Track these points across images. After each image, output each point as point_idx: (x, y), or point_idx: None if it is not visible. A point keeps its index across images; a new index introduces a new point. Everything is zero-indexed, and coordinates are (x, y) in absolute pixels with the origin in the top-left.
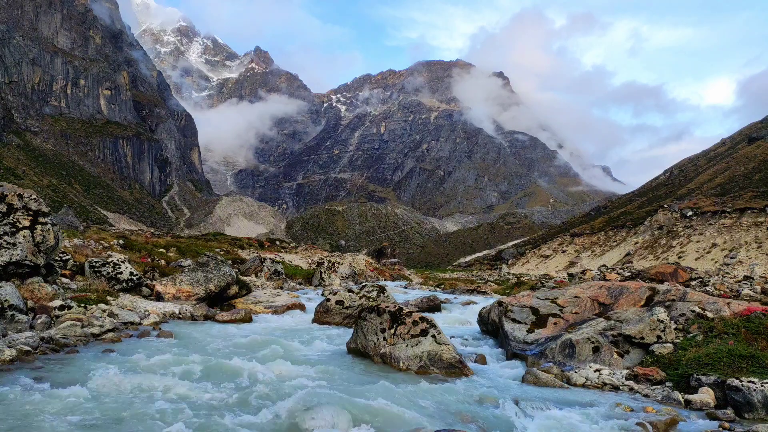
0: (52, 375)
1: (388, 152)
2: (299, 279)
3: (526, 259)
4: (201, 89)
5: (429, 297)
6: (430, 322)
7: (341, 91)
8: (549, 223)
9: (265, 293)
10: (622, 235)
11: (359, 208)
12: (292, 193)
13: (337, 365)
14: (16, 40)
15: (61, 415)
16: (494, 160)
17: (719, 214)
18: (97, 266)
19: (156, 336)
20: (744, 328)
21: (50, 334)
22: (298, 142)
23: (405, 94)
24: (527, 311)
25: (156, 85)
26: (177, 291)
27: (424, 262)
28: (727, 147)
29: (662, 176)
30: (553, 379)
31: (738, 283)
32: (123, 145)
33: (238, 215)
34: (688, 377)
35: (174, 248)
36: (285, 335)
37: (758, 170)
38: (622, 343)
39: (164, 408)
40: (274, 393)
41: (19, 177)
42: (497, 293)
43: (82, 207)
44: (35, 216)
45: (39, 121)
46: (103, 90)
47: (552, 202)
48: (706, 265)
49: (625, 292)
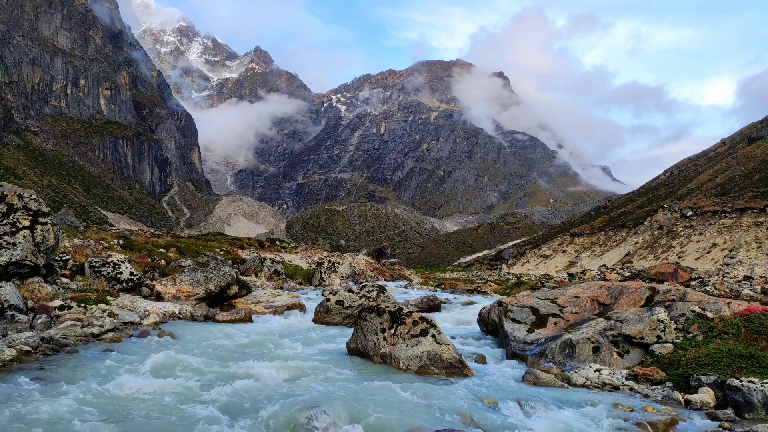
0: (52, 375)
1: (388, 152)
2: (299, 279)
3: (526, 259)
4: (201, 89)
5: (429, 297)
6: (430, 322)
7: (341, 91)
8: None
9: (265, 293)
10: (622, 235)
11: (359, 208)
12: (292, 193)
13: (337, 365)
14: (16, 39)
15: (61, 415)
16: (494, 160)
17: (719, 214)
18: (97, 266)
19: (156, 336)
20: (744, 328)
21: (50, 334)
22: (298, 142)
23: (405, 94)
24: (527, 311)
25: (156, 85)
26: (177, 291)
27: (424, 262)
28: (727, 147)
29: (662, 176)
30: (553, 379)
31: (738, 283)
32: (123, 145)
33: (238, 215)
34: (688, 377)
35: (174, 248)
36: (285, 335)
37: (758, 170)
38: (622, 343)
39: (164, 408)
40: (274, 393)
41: (19, 177)
42: (497, 293)
43: (82, 207)
44: (35, 216)
45: (39, 121)
46: (103, 90)
47: (552, 202)
48: (706, 265)
49: (625, 292)
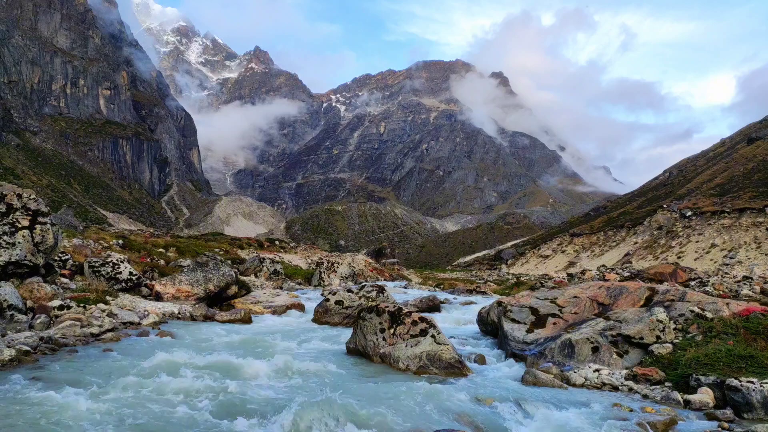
0: (51, 375)
1: (387, 152)
2: (299, 279)
3: (526, 260)
4: (201, 89)
5: (428, 297)
6: (430, 322)
7: (341, 91)
8: (548, 224)
9: (265, 293)
10: (621, 236)
11: (359, 208)
12: (291, 193)
13: (337, 365)
14: (16, 39)
15: (60, 415)
16: (494, 160)
17: (718, 215)
18: (96, 266)
19: (155, 336)
20: (743, 329)
21: (49, 334)
22: (297, 142)
23: (404, 94)
24: (526, 311)
25: (155, 85)
26: (176, 291)
27: (424, 262)
28: (727, 147)
29: (661, 176)
30: (552, 379)
31: (737, 284)
32: (122, 145)
33: (238, 215)
34: (688, 377)
35: (173, 248)
36: (284, 335)
37: (757, 170)
38: (621, 343)
39: (163, 409)
40: (272, 393)
41: (18, 177)
42: (496, 293)
43: (81, 207)
44: (34, 216)
45: (38, 121)
46: (102, 90)
47: (551, 202)
48: (705, 266)
49: (625, 292)
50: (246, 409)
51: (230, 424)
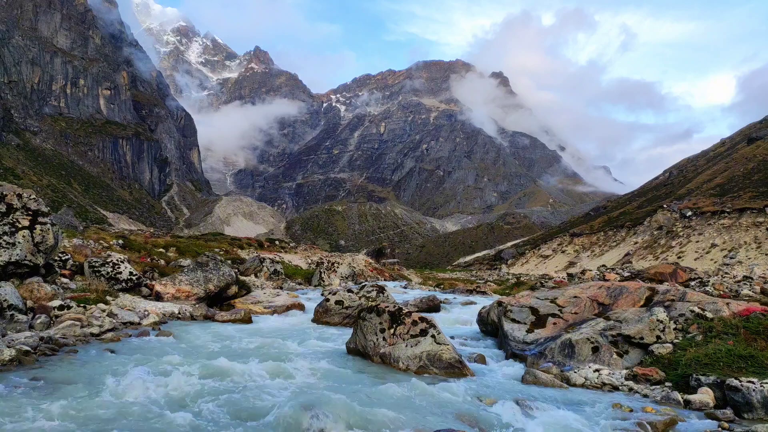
0: (51, 375)
1: (387, 152)
2: (299, 279)
3: (526, 259)
4: (201, 89)
5: (428, 297)
6: (430, 322)
7: (341, 92)
8: (548, 224)
9: (265, 293)
10: (621, 236)
11: (359, 208)
12: (291, 193)
13: (337, 365)
14: (16, 39)
15: (60, 415)
16: (494, 160)
17: (718, 215)
18: (96, 266)
19: (155, 336)
20: (743, 328)
21: (49, 334)
22: (297, 142)
23: (404, 94)
24: (526, 311)
25: (155, 85)
26: (176, 291)
27: (424, 262)
28: (727, 147)
29: (662, 176)
30: (552, 379)
31: (737, 284)
32: (122, 145)
33: (238, 215)
34: (688, 377)
35: (173, 248)
36: (284, 335)
37: (757, 170)
38: (621, 343)
39: (162, 409)
40: (274, 394)
41: (19, 177)
42: (497, 293)
43: (81, 207)
44: (34, 216)
45: (38, 121)
46: (102, 90)
47: (551, 202)
48: (705, 266)
49: (625, 292)
50: (246, 409)
51: (230, 424)
